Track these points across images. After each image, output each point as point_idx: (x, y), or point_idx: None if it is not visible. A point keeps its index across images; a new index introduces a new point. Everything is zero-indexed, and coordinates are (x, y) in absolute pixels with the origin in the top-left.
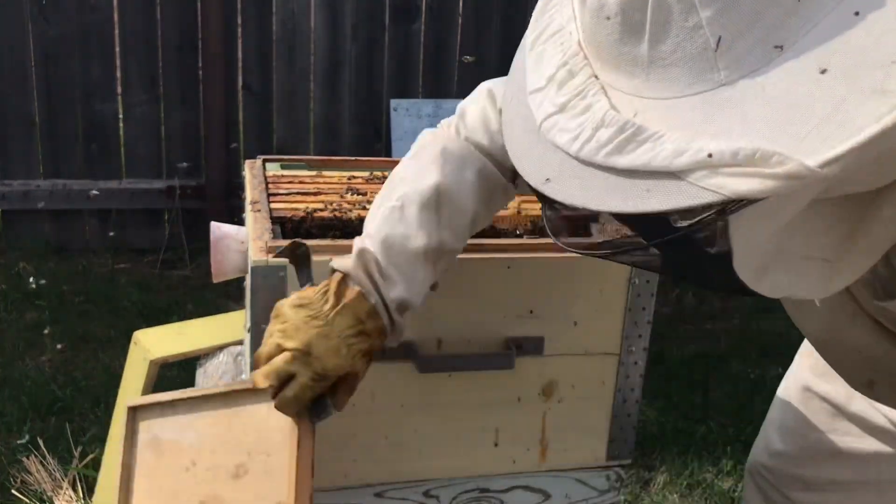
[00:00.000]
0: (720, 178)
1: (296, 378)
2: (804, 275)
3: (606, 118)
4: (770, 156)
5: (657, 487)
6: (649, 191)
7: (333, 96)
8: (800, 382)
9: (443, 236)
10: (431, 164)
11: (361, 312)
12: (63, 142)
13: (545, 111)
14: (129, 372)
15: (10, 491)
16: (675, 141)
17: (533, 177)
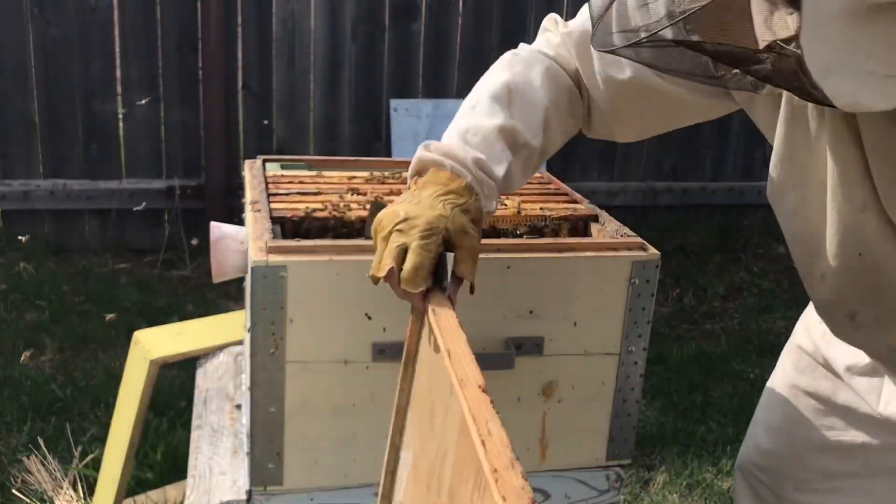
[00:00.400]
0: None
1: (408, 248)
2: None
3: None
4: None
5: (657, 487)
6: None
7: (333, 96)
8: (785, 380)
9: (516, 124)
10: (500, 68)
11: (442, 178)
12: (63, 142)
13: None
14: (129, 372)
15: (11, 490)
16: None
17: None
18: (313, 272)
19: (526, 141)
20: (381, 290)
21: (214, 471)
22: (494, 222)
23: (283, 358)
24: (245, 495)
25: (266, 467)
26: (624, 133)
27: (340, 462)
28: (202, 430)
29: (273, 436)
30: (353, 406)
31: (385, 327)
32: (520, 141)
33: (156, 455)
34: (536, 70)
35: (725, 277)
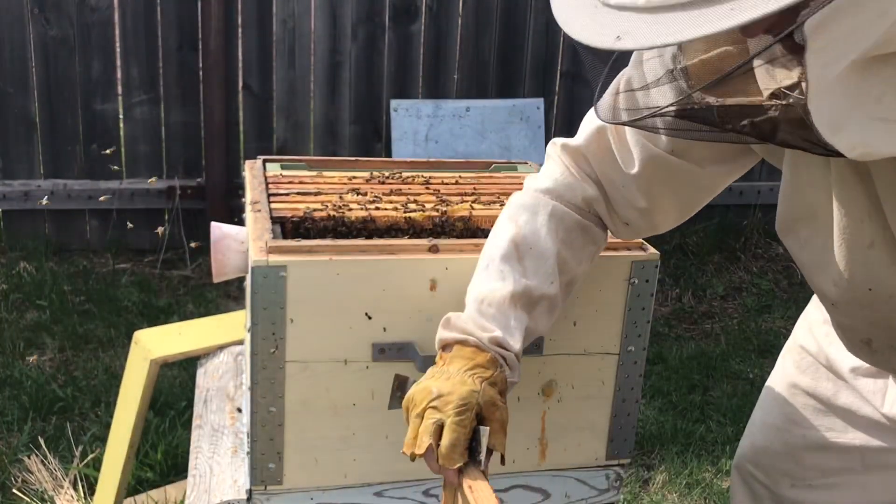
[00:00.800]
0: None
1: (444, 425)
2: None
3: None
4: None
5: (656, 487)
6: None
7: (333, 96)
8: (785, 379)
9: (529, 283)
10: (507, 220)
11: (467, 353)
12: (63, 142)
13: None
14: (130, 372)
15: (12, 490)
16: None
17: (601, 41)
18: (313, 272)
19: (542, 294)
20: (381, 291)
21: (215, 470)
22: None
23: (283, 358)
24: (245, 495)
25: (266, 467)
26: (666, 221)
27: (340, 462)
28: (202, 429)
29: (273, 436)
30: (353, 406)
31: (385, 327)
32: (535, 297)
33: (156, 454)
34: (541, 217)
35: (725, 277)
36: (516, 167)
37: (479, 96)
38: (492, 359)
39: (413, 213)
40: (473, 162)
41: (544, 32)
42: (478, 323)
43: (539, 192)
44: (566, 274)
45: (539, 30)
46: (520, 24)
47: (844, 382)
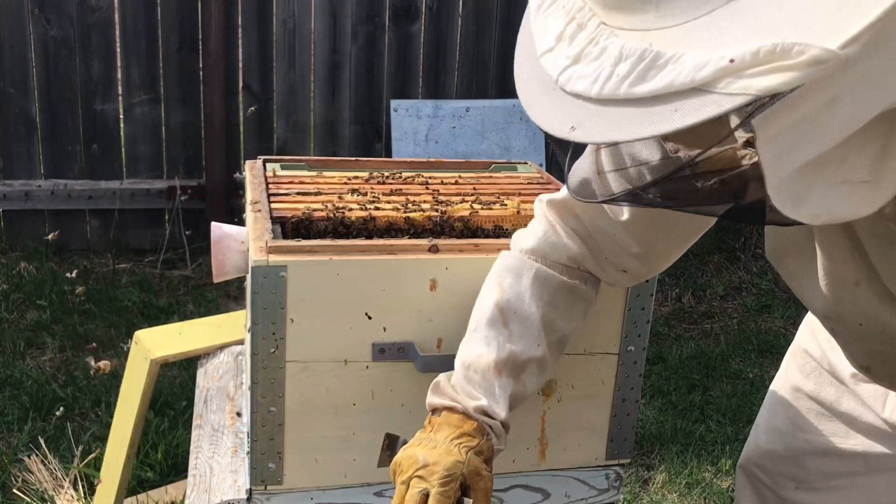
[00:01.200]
0: (745, 80)
1: (429, 494)
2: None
3: (624, 51)
4: (790, 47)
5: (656, 486)
6: (677, 110)
7: (333, 96)
8: (789, 382)
9: (514, 348)
10: (492, 283)
11: (455, 420)
12: (63, 142)
13: (560, 66)
14: (130, 371)
15: (12, 490)
16: (695, 57)
17: (557, 129)
18: (313, 272)
19: (528, 357)
20: (381, 291)
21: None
22: (495, 222)
23: (283, 358)
24: (245, 494)
25: (266, 467)
26: (663, 262)
27: (340, 462)
28: (203, 429)
29: (273, 436)
30: (353, 406)
31: (385, 327)
32: (521, 362)
33: (156, 454)
34: (525, 280)
35: (724, 277)
36: (516, 167)
37: (479, 96)
38: (478, 427)
39: (413, 213)
40: (473, 162)
41: None
42: (465, 390)
43: (524, 253)
44: (554, 333)
45: None
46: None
47: (846, 388)
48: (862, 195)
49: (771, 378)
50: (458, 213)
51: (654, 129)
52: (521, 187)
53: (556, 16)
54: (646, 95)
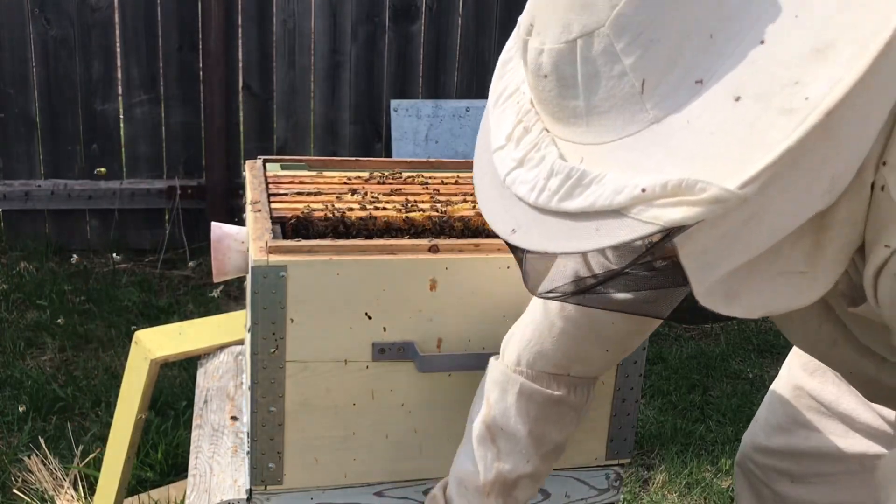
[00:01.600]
0: (655, 210)
1: None
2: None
3: (555, 167)
4: (694, 184)
5: (656, 486)
6: (598, 229)
7: (333, 96)
8: (792, 380)
9: (502, 467)
10: (480, 399)
11: None
12: (63, 142)
13: (507, 167)
14: (130, 371)
15: (12, 490)
16: (615, 181)
17: (501, 229)
18: (313, 272)
19: (519, 474)
20: (381, 290)
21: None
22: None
23: (283, 358)
24: (245, 494)
25: (266, 467)
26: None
27: (340, 462)
28: (203, 429)
29: (273, 435)
30: (353, 406)
31: (385, 327)
32: (510, 480)
33: (156, 454)
34: (510, 396)
35: None
36: None
37: (479, 96)
38: None
39: (413, 213)
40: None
41: None
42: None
43: (508, 366)
44: (546, 446)
45: None
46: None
47: (847, 387)
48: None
49: (771, 378)
50: (458, 213)
51: (579, 246)
52: None
53: (509, 113)
54: (573, 211)
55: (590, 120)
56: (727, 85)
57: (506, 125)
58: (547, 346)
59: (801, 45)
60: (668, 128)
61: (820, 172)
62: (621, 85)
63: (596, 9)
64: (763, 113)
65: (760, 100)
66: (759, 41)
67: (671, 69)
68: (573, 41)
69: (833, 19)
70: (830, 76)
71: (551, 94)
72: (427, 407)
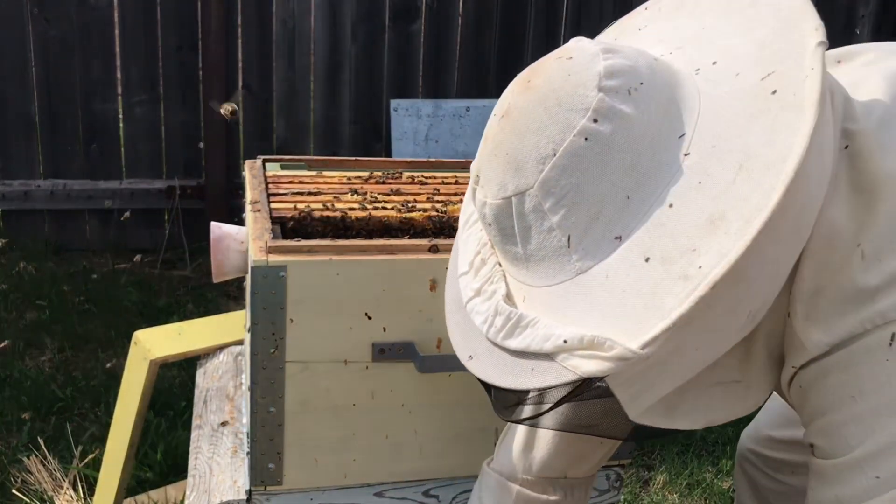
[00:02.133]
0: (575, 360)
1: None
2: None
3: (499, 307)
4: (603, 342)
5: (656, 487)
6: (533, 369)
7: (333, 96)
8: None
9: None
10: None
11: None
12: (63, 142)
13: (467, 295)
14: (130, 372)
15: (11, 490)
16: (545, 327)
17: (460, 354)
18: (313, 272)
19: None
20: (382, 290)
21: (214, 470)
22: None
23: (283, 358)
24: (245, 495)
25: (266, 467)
26: None
27: (340, 462)
28: (202, 429)
29: (273, 436)
30: (353, 406)
31: (385, 327)
32: None
33: (156, 455)
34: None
35: None
36: None
37: (479, 96)
38: None
39: (413, 213)
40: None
41: (544, 33)
42: None
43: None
44: None
45: (539, 30)
46: (520, 24)
47: None
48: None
49: None
50: (458, 212)
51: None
52: None
53: (472, 240)
54: (513, 349)
55: (528, 265)
56: (639, 245)
57: (468, 253)
58: (541, 450)
59: (700, 214)
60: (591, 279)
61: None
62: (551, 238)
63: (526, 172)
64: (665, 277)
65: (664, 262)
66: (669, 204)
67: (593, 225)
68: (509, 198)
69: (727, 191)
70: (720, 248)
71: (496, 239)
72: (427, 407)
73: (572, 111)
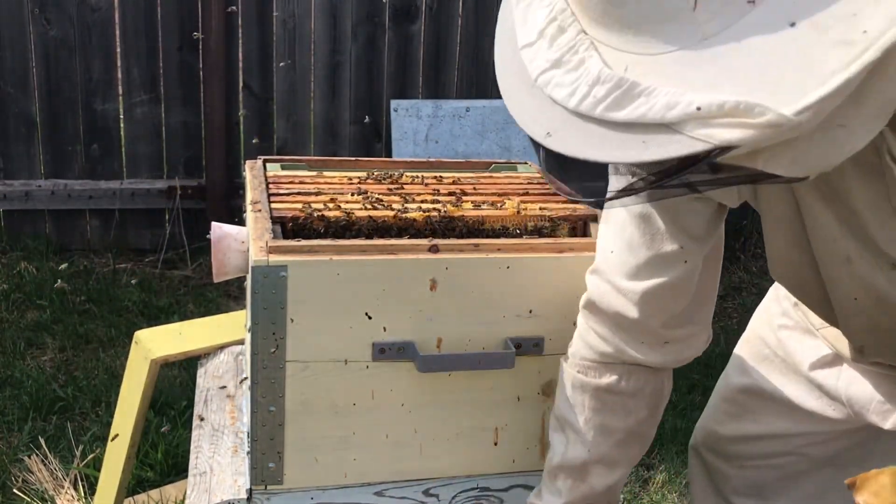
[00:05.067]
0: (709, 129)
1: None
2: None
3: (602, 75)
4: (752, 107)
5: (656, 486)
6: (645, 142)
7: (333, 96)
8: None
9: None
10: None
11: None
12: (64, 142)
13: (539, 66)
14: (130, 372)
15: (12, 490)
16: (667, 95)
17: (534, 131)
18: (313, 272)
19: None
20: (382, 290)
21: (215, 470)
22: (494, 222)
23: (283, 357)
24: (245, 494)
25: (266, 467)
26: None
27: (340, 462)
28: (203, 429)
29: (273, 435)
30: (353, 406)
31: (385, 327)
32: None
33: (156, 454)
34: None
35: (724, 277)
36: (516, 167)
37: (479, 96)
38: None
39: (413, 213)
40: (473, 162)
41: None
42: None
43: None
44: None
45: None
46: None
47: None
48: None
49: None
50: (459, 212)
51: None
52: (521, 187)
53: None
54: (619, 121)
55: (637, 29)
56: (783, 9)
57: (536, 21)
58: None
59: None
60: (720, 45)
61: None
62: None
63: None
64: (818, 42)
65: (816, 28)
66: None
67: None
68: None
69: None
70: (889, 13)
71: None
72: (427, 407)
73: None
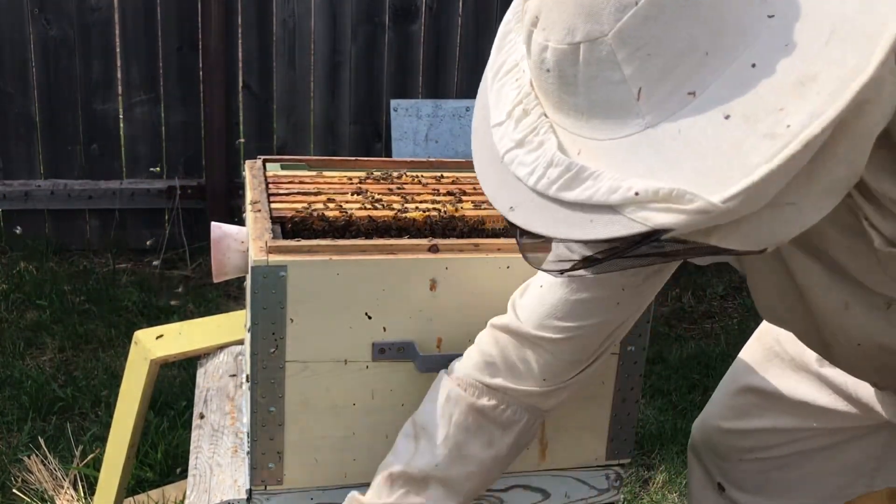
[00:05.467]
0: (646, 212)
1: None
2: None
3: (555, 158)
4: (683, 194)
5: (656, 486)
6: (592, 221)
7: (333, 96)
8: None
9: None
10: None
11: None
12: (63, 142)
13: (505, 146)
14: (130, 372)
15: (12, 490)
16: (611, 179)
17: (500, 204)
18: (313, 272)
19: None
20: (381, 290)
21: (214, 470)
22: (494, 222)
23: (283, 357)
24: (245, 494)
25: (266, 467)
26: None
27: (340, 462)
28: (203, 429)
29: (273, 436)
30: (353, 406)
31: (385, 327)
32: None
33: (156, 454)
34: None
35: (724, 277)
36: None
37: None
38: None
39: (412, 213)
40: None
41: None
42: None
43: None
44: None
45: None
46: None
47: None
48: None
49: None
50: (459, 212)
51: (575, 233)
52: None
53: (508, 90)
54: (570, 201)
55: (589, 117)
56: (718, 101)
57: (505, 102)
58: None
59: (788, 75)
60: (661, 134)
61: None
62: (619, 90)
63: (601, 19)
64: (749, 134)
65: (748, 120)
66: (751, 65)
67: (665, 80)
68: (577, 44)
69: (819, 54)
70: (812, 109)
71: (553, 86)
72: None
73: None
